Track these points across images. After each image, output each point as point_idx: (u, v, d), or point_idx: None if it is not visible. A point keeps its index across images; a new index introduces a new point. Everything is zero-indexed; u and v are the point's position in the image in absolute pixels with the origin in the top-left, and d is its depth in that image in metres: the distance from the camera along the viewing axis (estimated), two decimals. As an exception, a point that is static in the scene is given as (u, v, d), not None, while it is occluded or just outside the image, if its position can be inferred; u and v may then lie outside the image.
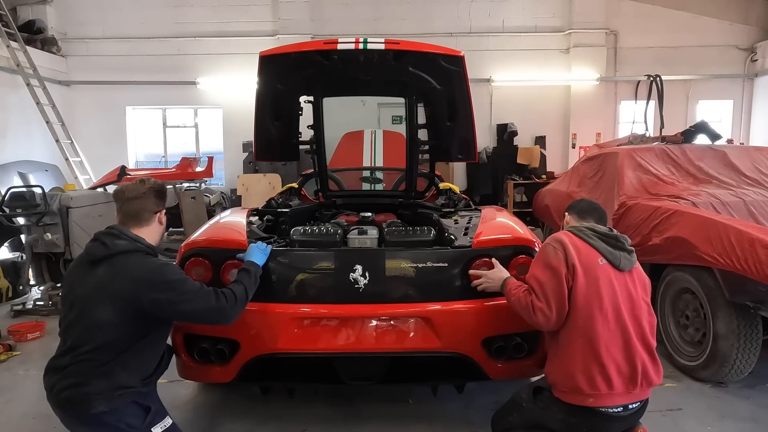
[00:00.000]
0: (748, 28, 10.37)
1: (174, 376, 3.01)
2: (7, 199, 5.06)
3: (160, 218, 2.39)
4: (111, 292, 2.11)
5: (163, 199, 2.41)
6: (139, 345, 2.17)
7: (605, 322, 2.18)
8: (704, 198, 3.92)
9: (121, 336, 2.11)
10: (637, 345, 2.20)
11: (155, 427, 2.20)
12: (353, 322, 2.68)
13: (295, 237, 2.88)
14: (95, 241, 2.24)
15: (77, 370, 2.09)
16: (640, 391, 2.22)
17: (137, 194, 2.31)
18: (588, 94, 10.28)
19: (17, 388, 3.56)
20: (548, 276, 2.25)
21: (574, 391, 2.19)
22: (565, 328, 2.25)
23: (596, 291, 2.20)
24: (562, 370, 2.23)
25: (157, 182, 2.41)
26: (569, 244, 2.27)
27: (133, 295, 2.10)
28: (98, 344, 2.09)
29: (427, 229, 2.94)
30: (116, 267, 2.15)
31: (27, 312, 5.12)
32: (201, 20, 10.36)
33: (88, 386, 2.07)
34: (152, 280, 2.13)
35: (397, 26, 10.14)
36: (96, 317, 2.11)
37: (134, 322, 2.13)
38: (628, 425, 2.29)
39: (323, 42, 3.06)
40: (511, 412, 2.44)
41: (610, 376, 2.16)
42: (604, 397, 2.17)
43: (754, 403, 3.22)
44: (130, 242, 2.22)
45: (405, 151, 3.71)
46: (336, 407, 3.19)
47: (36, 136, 9.10)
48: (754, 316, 3.18)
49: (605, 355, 2.16)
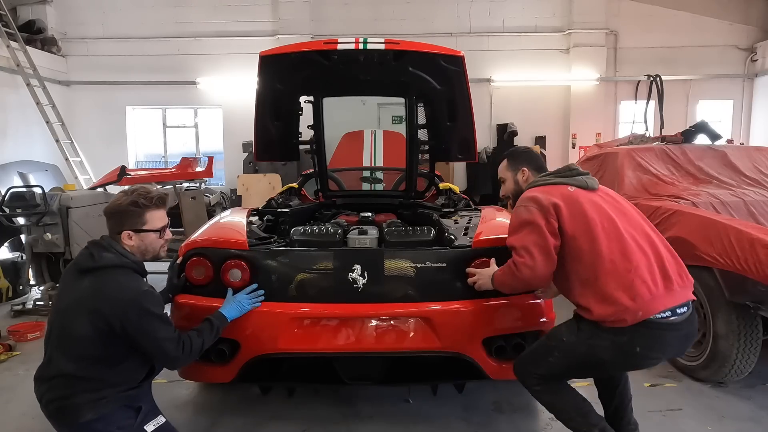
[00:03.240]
0: (748, 28, 10.37)
1: (174, 376, 3.02)
2: (7, 199, 5.06)
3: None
4: (90, 308, 2.10)
5: (140, 214, 2.28)
6: (121, 359, 2.16)
7: (608, 235, 2.17)
8: (704, 198, 3.92)
9: (99, 351, 2.11)
10: (650, 244, 2.20)
11: (148, 425, 2.19)
12: (353, 322, 2.68)
13: (295, 237, 2.88)
14: (86, 250, 2.24)
15: (61, 383, 2.11)
16: (680, 289, 2.16)
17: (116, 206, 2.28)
18: (588, 94, 10.28)
19: (17, 388, 3.56)
20: (524, 233, 2.24)
21: (622, 312, 2.08)
22: (579, 263, 2.19)
23: (583, 213, 2.21)
24: (602, 300, 2.12)
25: (143, 193, 2.30)
26: (538, 194, 2.29)
27: (110, 317, 2.07)
28: (75, 356, 2.10)
29: (427, 229, 2.94)
30: (99, 283, 2.14)
31: (27, 312, 5.12)
32: (201, 20, 10.36)
33: (74, 398, 2.08)
34: (130, 305, 2.10)
35: (397, 26, 10.14)
36: (73, 330, 2.11)
37: (111, 341, 2.11)
38: (682, 335, 2.18)
39: (323, 42, 3.06)
40: (549, 353, 2.27)
41: (644, 278, 2.10)
42: (648, 303, 2.08)
43: (754, 403, 3.22)
44: (117, 256, 2.20)
45: (405, 151, 3.71)
46: (336, 407, 3.19)
47: (36, 136, 9.10)
48: (754, 316, 3.17)
49: (629, 262, 2.12)
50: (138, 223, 2.27)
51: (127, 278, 2.18)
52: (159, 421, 2.24)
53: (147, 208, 2.28)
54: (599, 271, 2.14)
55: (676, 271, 2.19)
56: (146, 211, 2.28)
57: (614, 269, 2.12)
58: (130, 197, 2.28)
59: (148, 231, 2.29)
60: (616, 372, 2.40)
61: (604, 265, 2.13)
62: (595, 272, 2.15)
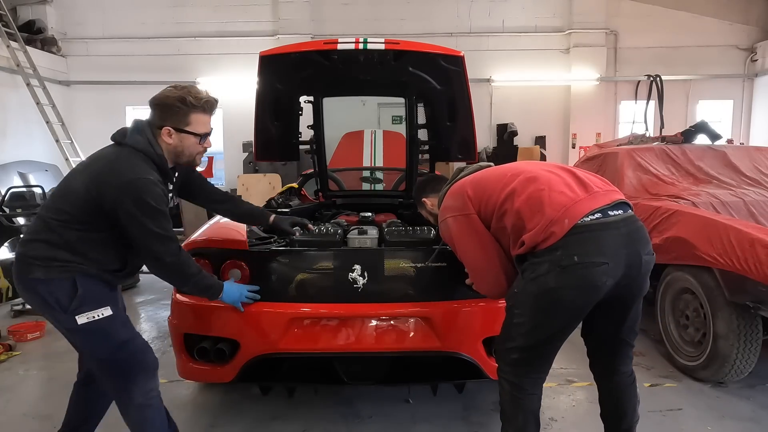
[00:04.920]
0: (748, 28, 10.37)
1: (174, 376, 3.02)
2: (7, 199, 5.07)
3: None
4: (95, 174, 2.04)
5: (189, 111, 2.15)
6: (96, 233, 2.06)
7: (515, 178, 2.13)
8: (704, 198, 3.92)
9: (79, 212, 2.03)
10: (564, 169, 2.16)
11: (81, 316, 2.02)
12: (353, 322, 2.68)
13: (295, 237, 2.88)
14: (126, 128, 2.17)
15: (32, 227, 2.10)
16: (605, 192, 2.05)
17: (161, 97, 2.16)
18: (588, 94, 10.29)
19: (17, 388, 3.56)
20: (465, 251, 2.23)
21: (548, 225, 1.95)
22: (509, 203, 2.09)
23: (483, 179, 2.24)
24: (527, 225, 2.01)
25: (193, 92, 2.16)
26: (449, 202, 2.28)
27: (105, 190, 1.99)
28: (57, 207, 2.06)
29: (427, 229, 2.94)
30: (114, 155, 2.08)
31: (27, 312, 5.11)
32: (201, 20, 10.37)
33: (32, 249, 2.03)
34: (133, 195, 1.99)
35: (397, 26, 10.15)
36: (71, 183, 2.09)
37: (94, 210, 2.02)
38: (621, 234, 1.98)
39: (323, 42, 3.06)
40: (512, 314, 2.09)
41: (560, 189, 2.02)
42: (570, 208, 1.95)
43: (754, 403, 3.22)
44: (145, 143, 2.11)
45: (405, 151, 3.71)
46: (336, 407, 3.19)
47: (36, 136, 9.10)
48: (754, 316, 3.17)
49: (538, 182, 2.06)
50: (181, 122, 2.15)
51: (142, 166, 2.07)
52: (97, 314, 2.04)
53: (194, 109, 2.15)
54: (518, 209, 2.04)
55: (598, 182, 2.11)
56: (192, 111, 2.15)
57: (527, 198, 2.03)
58: (179, 92, 2.14)
59: (189, 133, 2.17)
60: (582, 304, 2.01)
61: (518, 200, 2.05)
62: (516, 212, 2.04)
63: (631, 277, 2.02)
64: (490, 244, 2.17)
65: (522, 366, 2.09)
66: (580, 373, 3.55)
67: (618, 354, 2.25)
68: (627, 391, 2.28)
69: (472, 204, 2.17)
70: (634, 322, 2.20)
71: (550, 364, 2.14)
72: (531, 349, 2.06)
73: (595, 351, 2.32)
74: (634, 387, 2.29)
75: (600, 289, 1.95)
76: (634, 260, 2.00)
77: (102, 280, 2.11)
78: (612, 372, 2.27)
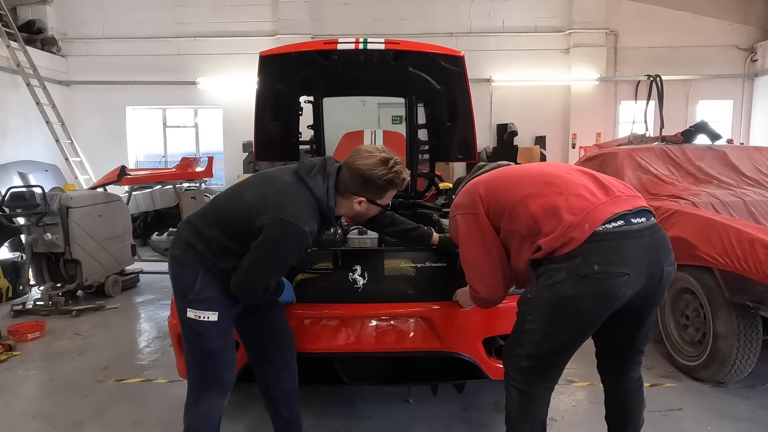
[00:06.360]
0: (748, 28, 10.38)
1: (174, 376, 3.02)
2: (7, 199, 5.06)
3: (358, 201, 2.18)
4: (264, 198, 2.07)
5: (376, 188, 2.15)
6: (233, 243, 2.11)
7: (529, 177, 2.10)
8: (704, 198, 3.92)
9: (231, 220, 2.11)
10: (582, 172, 2.09)
11: (191, 310, 2.12)
12: (353, 322, 2.68)
13: None
14: (315, 162, 2.19)
15: (198, 212, 2.25)
16: (627, 197, 1.97)
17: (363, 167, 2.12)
18: (588, 94, 10.29)
19: (17, 388, 3.56)
20: (468, 250, 2.19)
21: (567, 231, 1.86)
22: (522, 206, 2.02)
23: (498, 178, 2.19)
24: (545, 229, 1.93)
25: (400, 172, 2.14)
26: (463, 198, 2.22)
27: (262, 221, 2.02)
28: (221, 205, 2.17)
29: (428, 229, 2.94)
30: (291, 188, 2.10)
31: (27, 312, 5.12)
32: (201, 20, 10.37)
33: (185, 230, 2.19)
34: (278, 233, 2.01)
35: (397, 26, 10.15)
36: (243, 193, 2.16)
37: (244, 228, 2.07)
38: (645, 243, 1.89)
39: (323, 42, 3.07)
40: (524, 320, 2.00)
41: (578, 192, 1.95)
42: (590, 213, 1.88)
43: (754, 403, 3.22)
44: (323, 192, 2.10)
45: (405, 151, 3.71)
46: (336, 407, 3.19)
47: (36, 136, 9.11)
48: (754, 316, 3.17)
49: (555, 186, 1.99)
50: (377, 196, 2.18)
51: (308, 213, 2.06)
52: (205, 316, 2.12)
53: (394, 188, 2.18)
54: (534, 212, 1.96)
55: (620, 186, 2.02)
56: (390, 189, 2.18)
57: (544, 202, 1.95)
58: (390, 173, 2.11)
59: (379, 205, 2.22)
60: (599, 314, 1.92)
61: (534, 203, 1.98)
62: (531, 216, 1.97)
63: (651, 287, 1.95)
64: (494, 246, 2.15)
65: (532, 374, 2.02)
66: (580, 373, 3.55)
67: (629, 360, 2.21)
68: (635, 396, 2.23)
69: (482, 203, 2.15)
70: (649, 330, 2.16)
71: (561, 372, 2.07)
72: (542, 357, 1.98)
73: (606, 355, 2.27)
74: (641, 392, 2.26)
75: (618, 300, 1.88)
76: (655, 270, 1.93)
77: (223, 284, 2.15)
78: (621, 377, 2.24)
